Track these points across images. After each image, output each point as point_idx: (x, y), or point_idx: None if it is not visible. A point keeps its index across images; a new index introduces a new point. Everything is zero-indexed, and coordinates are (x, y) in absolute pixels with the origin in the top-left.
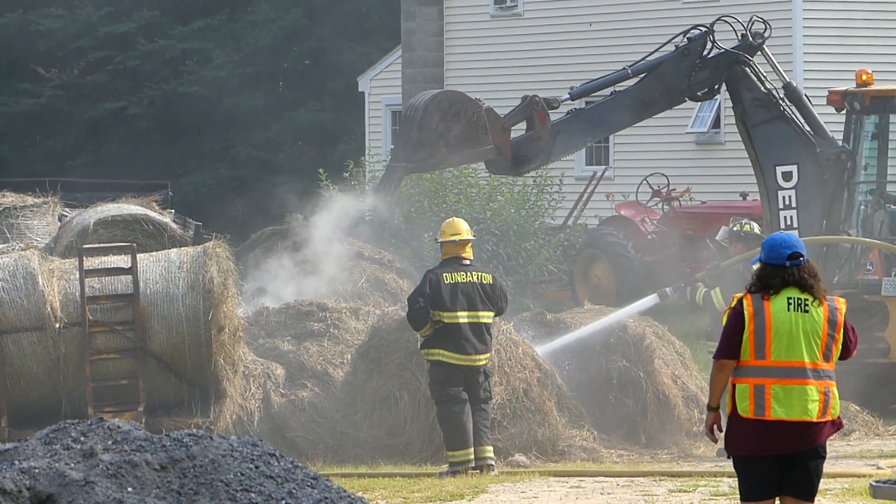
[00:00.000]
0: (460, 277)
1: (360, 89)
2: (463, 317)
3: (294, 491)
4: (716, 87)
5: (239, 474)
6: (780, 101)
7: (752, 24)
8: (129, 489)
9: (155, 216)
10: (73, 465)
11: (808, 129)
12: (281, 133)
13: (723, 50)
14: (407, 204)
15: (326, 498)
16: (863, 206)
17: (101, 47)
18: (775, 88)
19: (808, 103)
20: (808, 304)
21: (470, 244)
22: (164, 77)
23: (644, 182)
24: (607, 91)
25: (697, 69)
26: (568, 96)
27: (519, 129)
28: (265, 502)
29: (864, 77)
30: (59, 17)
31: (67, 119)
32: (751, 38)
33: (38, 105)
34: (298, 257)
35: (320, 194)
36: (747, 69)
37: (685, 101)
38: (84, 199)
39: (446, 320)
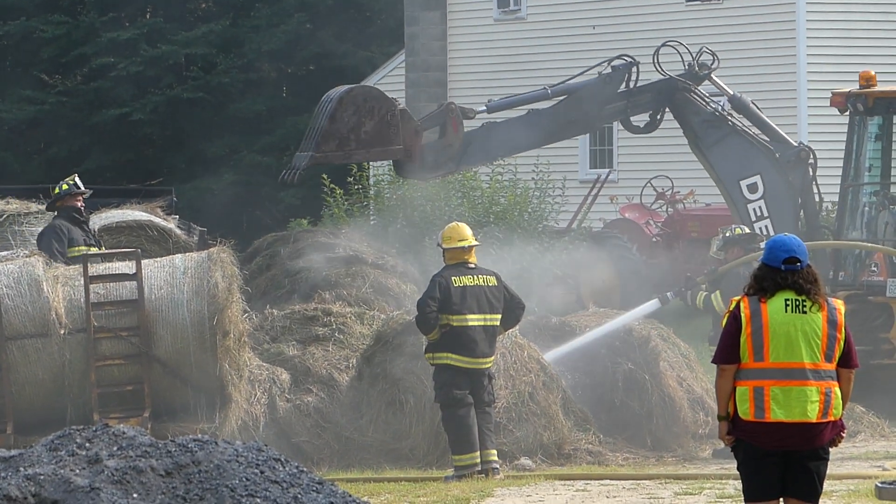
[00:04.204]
0: (468, 280)
1: None
2: (472, 319)
3: (299, 496)
4: (658, 116)
5: (244, 480)
6: (728, 117)
7: (701, 54)
8: (135, 495)
9: (159, 222)
10: (78, 471)
11: (763, 136)
12: (285, 138)
13: (666, 76)
14: (410, 208)
15: (332, 502)
16: (867, 208)
17: (104, 53)
18: (720, 105)
19: (757, 110)
20: (805, 306)
21: (474, 249)
22: (168, 83)
23: (648, 185)
24: (525, 108)
25: (636, 94)
26: (485, 108)
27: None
28: None
29: (867, 78)
30: (63, 23)
31: (71, 125)
32: (696, 69)
33: (41, 111)
34: (301, 262)
35: (324, 199)
36: (690, 95)
37: (602, 128)
38: (88, 206)
39: (455, 323)
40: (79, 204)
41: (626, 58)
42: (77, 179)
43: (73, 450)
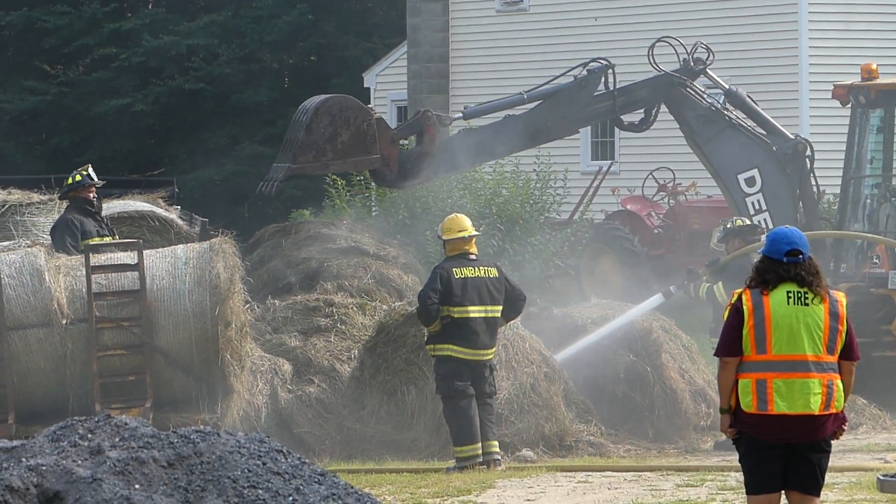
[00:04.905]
0: (469, 272)
1: (365, 85)
2: (473, 311)
3: (301, 487)
4: (653, 112)
5: (246, 471)
6: (724, 111)
7: (696, 49)
8: (137, 486)
9: (161, 212)
10: (80, 462)
11: (760, 129)
12: (286, 129)
13: (662, 72)
14: (411, 199)
15: (334, 494)
16: (868, 200)
17: (106, 44)
18: (716, 100)
19: (753, 104)
20: (807, 298)
21: (474, 239)
22: (170, 73)
23: (650, 176)
24: (501, 114)
25: (631, 91)
26: (461, 115)
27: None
28: (273, 499)
29: (869, 71)
30: (65, 13)
31: (73, 116)
32: (692, 64)
33: (43, 102)
34: (303, 253)
35: (326, 190)
36: (686, 90)
37: (578, 131)
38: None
39: (455, 315)
40: (91, 195)
41: (601, 61)
42: (90, 170)
43: (75, 440)
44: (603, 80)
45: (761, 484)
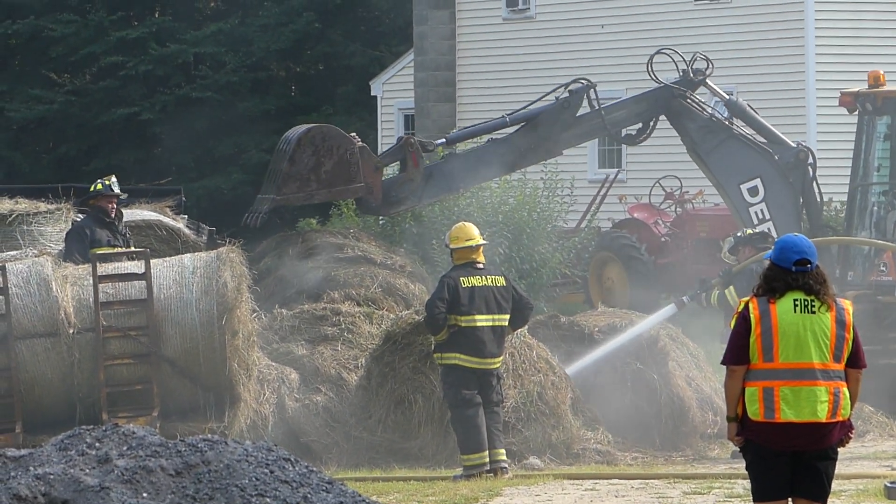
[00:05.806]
0: (476, 281)
1: (372, 93)
2: (480, 320)
3: (309, 496)
4: (651, 124)
5: (254, 479)
6: (725, 121)
7: (695, 60)
8: (145, 495)
9: (168, 221)
10: (88, 470)
11: (761, 138)
12: None
13: (661, 84)
14: (418, 208)
15: (341, 502)
16: (875, 208)
17: (113, 52)
18: (716, 110)
19: (754, 114)
20: (814, 306)
21: (482, 248)
22: (177, 82)
23: (657, 185)
24: (485, 137)
25: (631, 104)
26: (444, 140)
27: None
28: None
29: (876, 78)
30: (72, 22)
31: (80, 125)
32: (691, 75)
33: (50, 111)
34: (310, 262)
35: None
36: (686, 102)
37: (562, 153)
38: None
39: (463, 324)
40: (109, 206)
41: (582, 81)
42: (113, 181)
43: (82, 449)
44: (588, 99)
45: (768, 492)
